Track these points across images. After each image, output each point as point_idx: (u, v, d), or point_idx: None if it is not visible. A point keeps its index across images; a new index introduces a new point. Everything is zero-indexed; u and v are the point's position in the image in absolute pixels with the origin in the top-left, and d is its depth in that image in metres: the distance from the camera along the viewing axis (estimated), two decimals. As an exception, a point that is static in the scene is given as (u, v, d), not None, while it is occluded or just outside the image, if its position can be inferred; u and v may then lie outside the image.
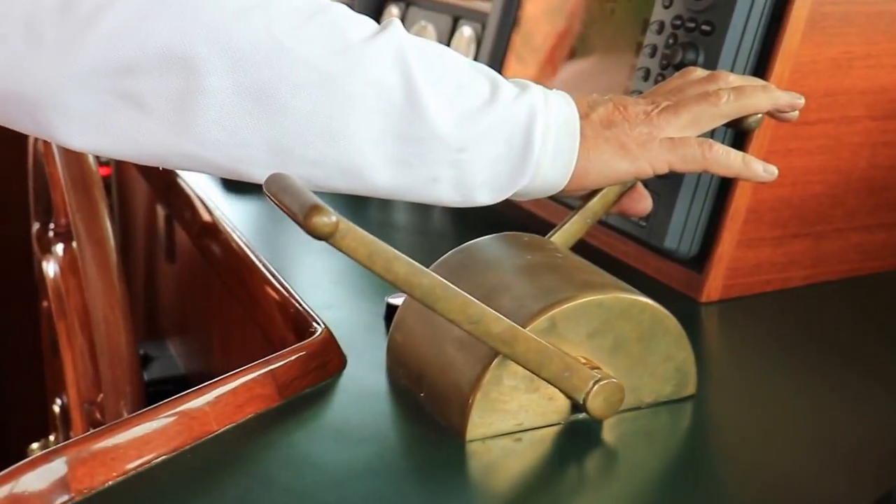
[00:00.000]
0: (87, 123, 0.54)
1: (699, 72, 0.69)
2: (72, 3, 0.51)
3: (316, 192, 0.51)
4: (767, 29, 0.75)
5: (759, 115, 0.69)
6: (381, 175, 0.60)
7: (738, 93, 0.67)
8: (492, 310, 0.53)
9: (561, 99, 0.65)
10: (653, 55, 0.80)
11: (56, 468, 0.47)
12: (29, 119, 0.55)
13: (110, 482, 0.49)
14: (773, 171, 0.68)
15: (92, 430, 0.51)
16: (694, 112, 0.65)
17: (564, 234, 0.69)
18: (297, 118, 0.56)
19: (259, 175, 0.57)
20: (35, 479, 0.46)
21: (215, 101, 0.55)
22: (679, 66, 0.76)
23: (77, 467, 0.48)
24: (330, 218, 0.48)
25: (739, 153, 0.67)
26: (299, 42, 0.55)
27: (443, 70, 0.60)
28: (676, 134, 0.65)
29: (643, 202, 0.70)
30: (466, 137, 0.60)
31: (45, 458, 0.48)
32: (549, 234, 0.69)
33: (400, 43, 0.59)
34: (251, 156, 0.57)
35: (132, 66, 0.53)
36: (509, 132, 0.61)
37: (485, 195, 0.64)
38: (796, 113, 0.70)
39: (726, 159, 0.66)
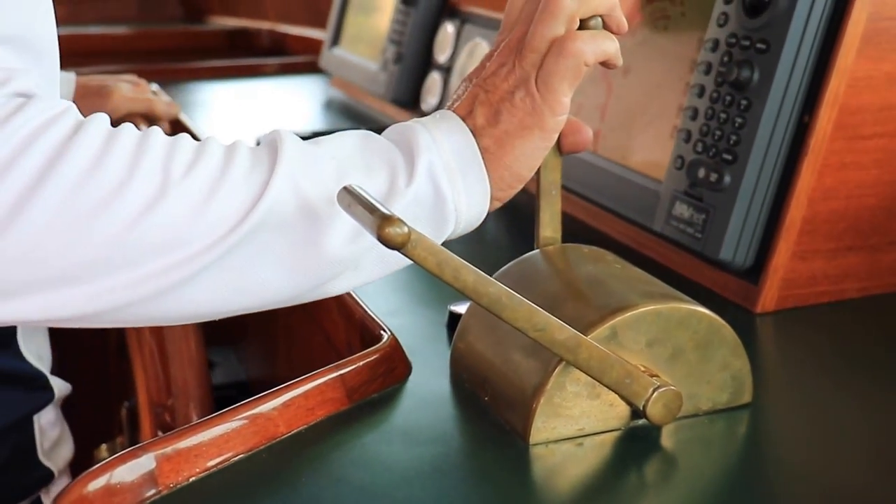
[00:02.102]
0: None
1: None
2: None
3: None
4: (822, 45, 0.76)
5: (598, 19, 0.63)
6: (302, 297, 0.60)
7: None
8: (556, 318, 0.55)
9: (448, 126, 0.61)
10: (707, 72, 0.81)
11: (144, 463, 0.50)
12: None
13: (193, 478, 0.52)
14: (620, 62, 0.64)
15: (176, 430, 0.54)
16: (561, 76, 0.61)
17: (549, 223, 0.67)
18: (209, 297, 0.56)
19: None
20: (126, 473, 0.49)
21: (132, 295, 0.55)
22: (734, 84, 0.78)
23: (163, 463, 0.51)
24: (402, 228, 0.50)
25: (603, 34, 0.62)
26: (197, 233, 0.54)
27: (339, 179, 0.57)
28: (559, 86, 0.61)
29: (582, 132, 0.67)
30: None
31: (133, 454, 0.51)
32: (536, 230, 0.68)
33: (292, 173, 0.56)
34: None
35: None
36: (417, 204, 0.59)
37: None
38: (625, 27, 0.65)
39: (595, 46, 0.61)
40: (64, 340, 1.92)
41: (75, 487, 0.48)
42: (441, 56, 1.35)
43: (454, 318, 0.72)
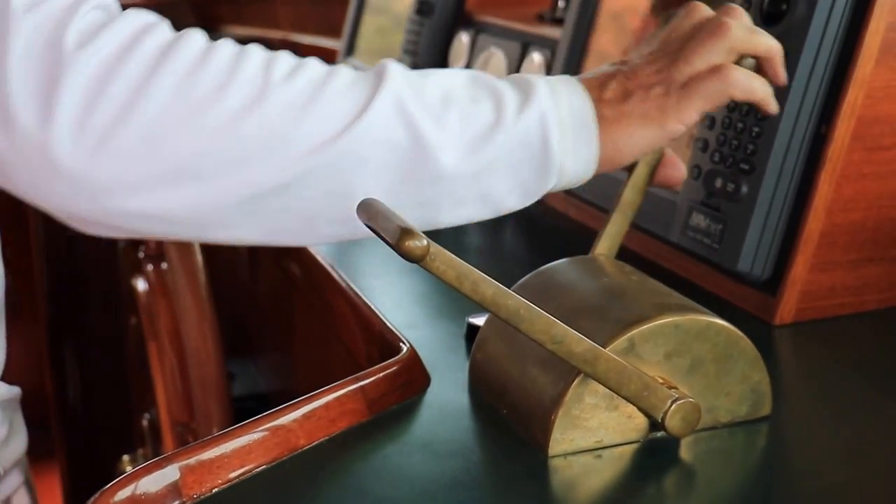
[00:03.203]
0: None
1: (705, 10, 0.67)
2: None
3: None
4: (840, 55, 0.76)
5: (752, 61, 0.66)
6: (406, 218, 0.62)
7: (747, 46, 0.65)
8: (573, 330, 0.55)
9: (570, 88, 0.63)
10: (725, 82, 0.81)
11: (168, 474, 0.51)
12: None
13: (216, 489, 0.53)
14: (777, 110, 0.67)
15: (198, 441, 0.54)
16: (703, 94, 0.63)
17: (609, 237, 0.69)
18: (313, 201, 0.59)
19: (290, 242, 0.64)
20: (151, 483, 0.50)
21: (228, 201, 0.58)
22: (752, 93, 0.78)
23: (187, 474, 0.51)
24: (422, 241, 0.51)
25: (760, 78, 0.65)
26: (301, 135, 0.58)
27: (444, 104, 0.60)
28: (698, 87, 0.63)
29: (678, 169, 0.69)
30: (479, 165, 0.61)
31: (158, 465, 0.51)
32: (596, 240, 0.69)
33: (396, 93, 0.59)
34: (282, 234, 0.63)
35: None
36: (523, 146, 0.61)
37: (513, 201, 0.64)
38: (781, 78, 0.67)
39: (748, 83, 0.64)
40: (82, 349, 1.93)
41: (103, 497, 0.49)
42: (456, 66, 1.36)
43: (473, 330, 0.72)
